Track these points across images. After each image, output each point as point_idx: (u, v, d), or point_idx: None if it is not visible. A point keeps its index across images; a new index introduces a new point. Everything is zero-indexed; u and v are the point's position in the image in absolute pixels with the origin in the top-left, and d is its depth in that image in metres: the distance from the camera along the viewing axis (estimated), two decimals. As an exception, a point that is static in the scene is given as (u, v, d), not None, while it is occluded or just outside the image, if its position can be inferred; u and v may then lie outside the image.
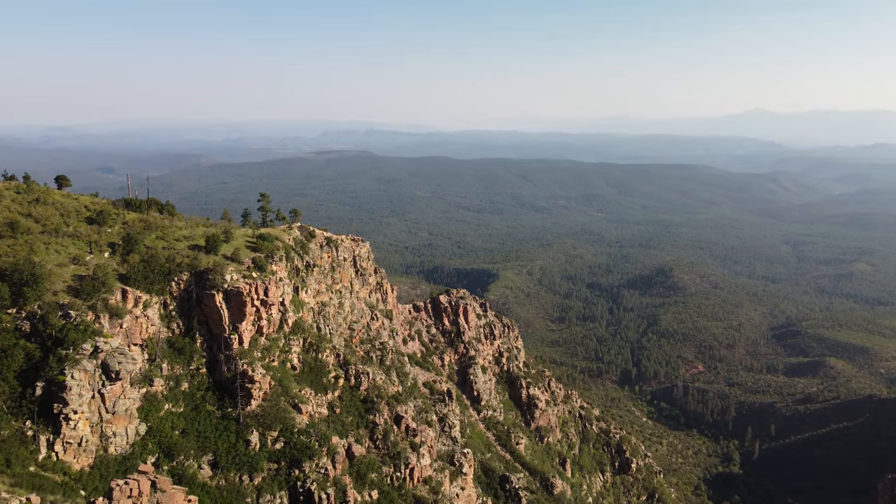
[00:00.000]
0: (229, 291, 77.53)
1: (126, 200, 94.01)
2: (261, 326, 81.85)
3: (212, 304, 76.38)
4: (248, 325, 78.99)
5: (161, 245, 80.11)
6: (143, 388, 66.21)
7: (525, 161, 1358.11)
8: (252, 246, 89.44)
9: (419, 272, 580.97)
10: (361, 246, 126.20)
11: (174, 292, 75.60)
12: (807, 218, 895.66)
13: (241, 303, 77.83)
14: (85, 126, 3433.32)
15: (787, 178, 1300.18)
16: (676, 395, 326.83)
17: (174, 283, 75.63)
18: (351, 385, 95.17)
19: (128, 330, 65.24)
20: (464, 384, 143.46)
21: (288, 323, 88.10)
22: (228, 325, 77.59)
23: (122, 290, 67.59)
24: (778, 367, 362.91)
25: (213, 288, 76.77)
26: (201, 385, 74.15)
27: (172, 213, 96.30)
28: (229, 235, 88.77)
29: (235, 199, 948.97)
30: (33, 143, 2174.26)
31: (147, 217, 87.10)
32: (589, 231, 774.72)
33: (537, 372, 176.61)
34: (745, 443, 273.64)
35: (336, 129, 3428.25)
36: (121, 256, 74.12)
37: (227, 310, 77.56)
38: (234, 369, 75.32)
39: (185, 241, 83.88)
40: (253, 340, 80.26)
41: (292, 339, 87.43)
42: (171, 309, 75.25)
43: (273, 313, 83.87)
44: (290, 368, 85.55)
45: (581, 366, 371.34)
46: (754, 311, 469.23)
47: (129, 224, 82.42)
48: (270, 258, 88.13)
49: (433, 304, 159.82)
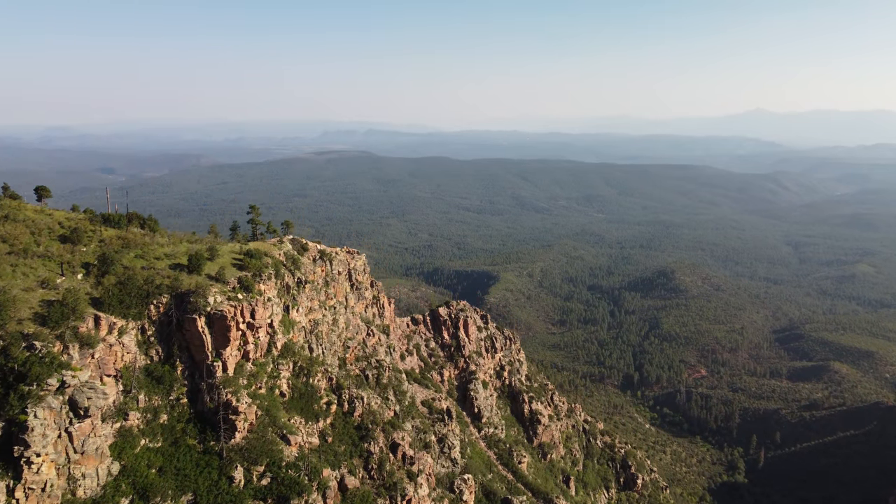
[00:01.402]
0: (212, 315, 71.79)
1: (104, 215, 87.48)
2: (247, 351, 76.19)
3: (193, 329, 70.54)
4: (232, 351, 73.29)
5: (140, 265, 74.70)
6: (116, 423, 60.65)
7: (525, 161, 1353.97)
8: (239, 264, 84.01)
9: (419, 274, 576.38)
10: (357, 259, 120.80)
11: (153, 316, 69.83)
12: (808, 219, 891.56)
13: (224, 327, 72.03)
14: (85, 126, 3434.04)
15: (787, 178, 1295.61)
16: (679, 400, 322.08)
17: (153, 307, 69.87)
18: (344, 411, 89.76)
19: (100, 360, 59.59)
20: (464, 400, 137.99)
21: (277, 346, 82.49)
22: (211, 351, 71.90)
23: (94, 317, 61.81)
24: (782, 372, 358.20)
25: (194, 311, 70.95)
26: (182, 416, 68.26)
27: (154, 229, 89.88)
28: (214, 253, 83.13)
29: (235, 199, 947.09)
30: (33, 143, 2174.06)
31: (126, 234, 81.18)
32: (589, 232, 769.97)
33: (540, 385, 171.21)
34: (749, 450, 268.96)
35: (336, 129, 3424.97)
36: (95, 278, 67.64)
37: (209, 335, 71.69)
38: (217, 399, 69.43)
39: (166, 260, 78.31)
40: (238, 367, 74.79)
41: (281, 364, 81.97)
42: (150, 334, 69.40)
43: (261, 336, 78.39)
44: (278, 395, 79.50)
45: (583, 370, 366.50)
46: (757, 313, 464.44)
47: (107, 242, 76.68)
48: (258, 277, 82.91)
49: (432, 317, 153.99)
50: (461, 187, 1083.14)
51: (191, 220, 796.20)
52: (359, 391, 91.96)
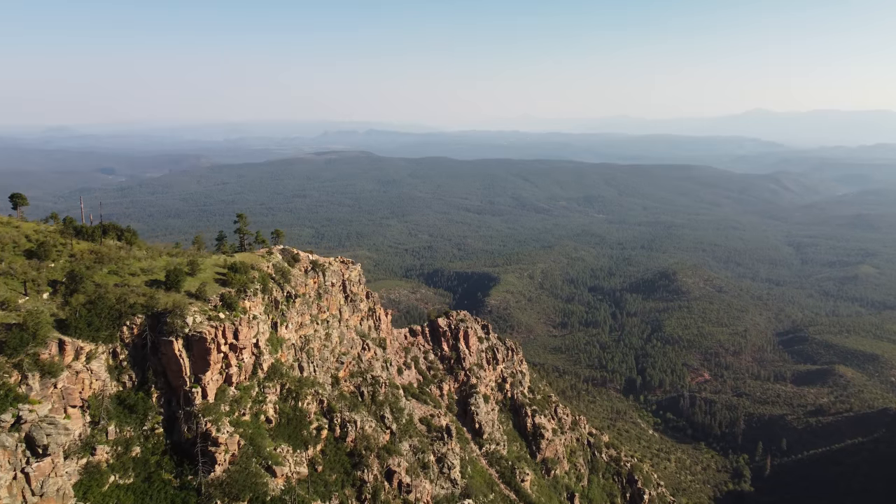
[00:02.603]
0: (190, 337, 65.72)
1: (77, 227, 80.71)
2: (229, 375, 70.36)
3: (169, 353, 64.68)
4: (213, 375, 67.49)
5: (113, 281, 68.51)
6: (82, 459, 55.21)
7: (525, 161, 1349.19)
8: (222, 279, 78.04)
9: (419, 275, 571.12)
10: (352, 269, 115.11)
11: (126, 339, 63.91)
12: (809, 219, 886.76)
13: (204, 350, 66.18)
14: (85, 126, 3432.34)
15: (788, 178, 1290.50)
16: (683, 405, 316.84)
17: (126, 328, 63.88)
18: (336, 436, 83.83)
19: (64, 390, 53.85)
20: (464, 415, 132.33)
21: (263, 367, 76.80)
22: (189, 376, 66.03)
23: (58, 341, 56.27)
24: (786, 376, 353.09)
25: (170, 333, 65.01)
26: (156, 448, 62.43)
27: (132, 242, 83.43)
28: (195, 267, 77.25)
29: (235, 200, 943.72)
30: (33, 143, 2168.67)
31: (100, 247, 74.76)
32: (590, 233, 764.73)
33: (543, 397, 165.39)
34: (755, 457, 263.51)
35: (336, 129, 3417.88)
36: (63, 297, 62.89)
37: (187, 358, 65.75)
38: (196, 429, 63.98)
39: (142, 276, 72.13)
40: (220, 392, 69.00)
41: (268, 387, 76.27)
42: (122, 359, 63.46)
43: (245, 358, 72.54)
44: (264, 422, 74.11)
45: (585, 374, 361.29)
46: (759, 315, 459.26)
47: (77, 257, 70.40)
48: (243, 293, 77.15)
49: (431, 328, 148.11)
50: (461, 188, 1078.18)
51: (190, 221, 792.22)
52: (352, 414, 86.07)
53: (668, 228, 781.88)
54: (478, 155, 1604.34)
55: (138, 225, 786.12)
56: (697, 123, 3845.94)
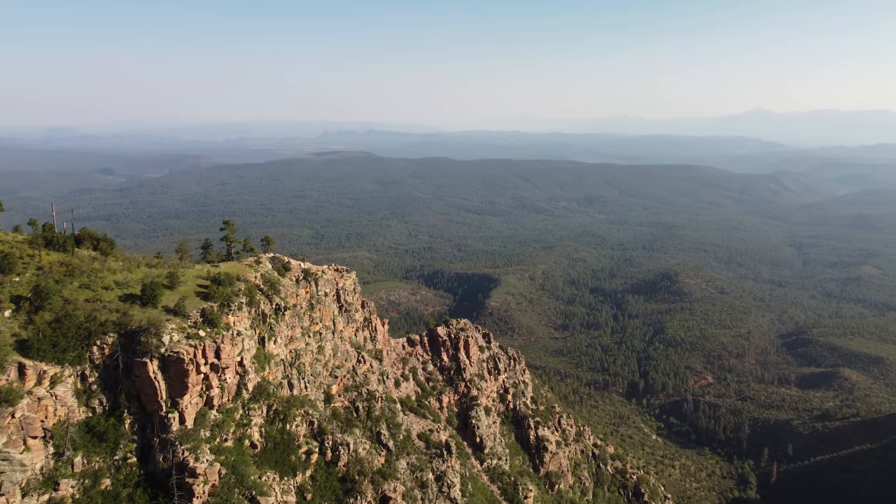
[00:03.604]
0: (167, 358, 60.46)
1: (47, 237, 73.53)
2: (210, 397, 64.99)
3: (143, 375, 59.47)
4: (192, 399, 62.30)
5: (84, 296, 62.99)
6: (44, 495, 49.95)
7: (526, 162, 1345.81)
8: (204, 292, 72.30)
9: (419, 276, 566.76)
10: (346, 277, 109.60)
11: (96, 360, 58.45)
12: (810, 219, 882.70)
13: (181, 371, 60.94)
14: (85, 127, 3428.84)
15: (789, 178, 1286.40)
16: (686, 409, 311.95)
17: (96, 348, 58.38)
18: (327, 460, 78.07)
19: (24, 419, 48.45)
20: (465, 428, 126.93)
21: (248, 387, 71.27)
22: (165, 400, 60.92)
23: (18, 365, 51.32)
24: (790, 379, 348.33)
25: (144, 354, 59.63)
26: (129, 480, 56.91)
27: (107, 252, 77.15)
28: (174, 280, 71.44)
29: (235, 200, 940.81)
30: (33, 144, 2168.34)
31: (71, 259, 69.03)
32: (591, 233, 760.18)
33: (546, 408, 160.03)
34: (760, 463, 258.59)
35: (336, 129, 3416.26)
36: (27, 315, 57.71)
37: (163, 381, 60.52)
38: (172, 458, 58.69)
39: (116, 290, 66.21)
40: (200, 416, 63.57)
41: (253, 408, 70.73)
42: (92, 382, 58.00)
43: (227, 378, 67.07)
44: (248, 447, 68.58)
45: (587, 377, 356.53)
46: (762, 317, 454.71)
47: (45, 270, 64.55)
48: (227, 307, 71.47)
49: (430, 338, 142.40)
50: (462, 188, 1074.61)
51: (190, 222, 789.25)
52: (344, 436, 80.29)
53: (669, 229, 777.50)
54: (478, 155, 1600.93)
55: (138, 226, 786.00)
56: (697, 123, 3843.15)
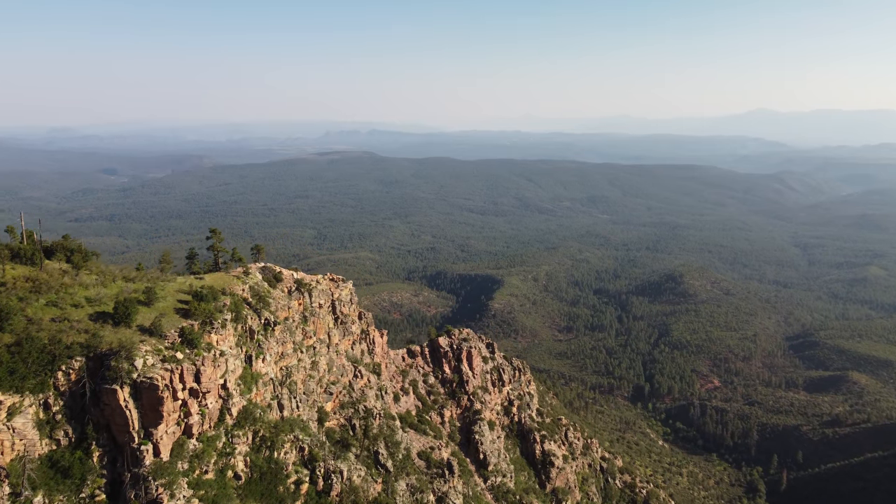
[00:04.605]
0: (139, 384, 55.25)
1: (13, 249, 67.21)
2: (189, 425, 59.99)
3: (113, 403, 54.42)
4: (168, 428, 57.34)
5: (50, 315, 57.62)
6: (-2, 541, 46.42)
7: (529, 162, 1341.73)
8: (185, 309, 67.13)
9: (422, 277, 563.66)
10: (342, 287, 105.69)
11: (62, 386, 53.50)
12: (815, 219, 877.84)
13: (155, 399, 55.95)
14: (88, 127, 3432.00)
15: (792, 178, 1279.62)
16: (693, 414, 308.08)
17: (62, 374, 53.40)
18: (318, 490, 73.00)
19: None
20: (468, 444, 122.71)
21: (232, 412, 65.89)
22: (138, 430, 55.83)
23: (-32, 397, 47.17)
24: (798, 382, 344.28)
25: (114, 380, 54.47)
26: None
27: (79, 265, 70.82)
28: (152, 296, 66.17)
29: (237, 200, 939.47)
30: (36, 144, 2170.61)
31: (39, 273, 63.20)
32: (594, 234, 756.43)
33: (553, 421, 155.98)
34: (769, 470, 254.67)
35: (339, 129, 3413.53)
36: None
37: (135, 409, 55.48)
38: (145, 495, 53.80)
39: (87, 307, 60.71)
40: (177, 446, 58.60)
41: (237, 435, 65.24)
42: (56, 411, 53.26)
43: (209, 403, 62.02)
44: (231, 478, 63.14)
45: (591, 381, 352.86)
46: (768, 319, 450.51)
47: (9, 286, 58.95)
48: (209, 325, 66.32)
49: (431, 349, 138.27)
50: (464, 188, 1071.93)
51: (192, 222, 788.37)
52: (337, 463, 75.95)
53: (672, 229, 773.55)
54: (480, 155, 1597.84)
55: (141, 226, 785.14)
56: (699, 123, 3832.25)
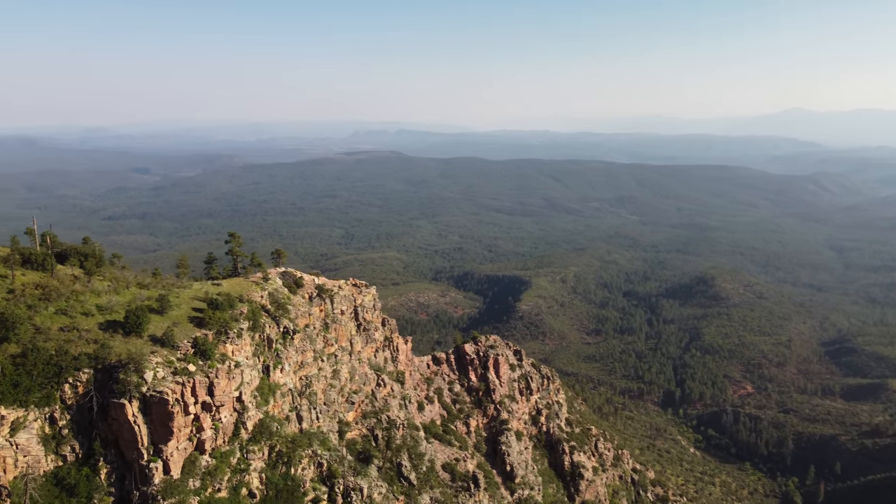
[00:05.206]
0: (148, 398, 52.63)
1: (25, 254, 64.61)
2: (201, 441, 57.16)
3: (121, 418, 51.97)
4: (179, 444, 54.54)
5: (59, 324, 54.93)
6: (-3, 565, 44.32)
7: (556, 161, 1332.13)
8: (199, 317, 64.14)
9: (448, 278, 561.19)
10: (365, 293, 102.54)
11: (69, 399, 50.94)
12: (851, 222, 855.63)
13: (165, 414, 53.28)
14: (121, 127, 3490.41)
15: (828, 179, 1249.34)
16: (726, 421, 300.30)
17: (69, 386, 50.77)
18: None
19: None
20: (494, 455, 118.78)
21: (247, 426, 63.09)
22: (147, 447, 53.22)
23: (-32, 411, 45.39)
24: (835, 390, 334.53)
25: (123, 394, 51.91)
26: None
27: (92, 271, 67.48)
28: (165, 303, 63.49)
29: (266, 200, 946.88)
30: (71, 143, 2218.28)
31: (49, 280, 60.80)
32: (623, 235, 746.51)
33: (582, 431, 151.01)
34: (805, 481, 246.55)
35: (367, 129, 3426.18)
36: None
37: (144, 425, 52.75)
38: None
39: (97, 316, 58.00)
40: (188, 463, 55.67)
41: (252, 451, 62.36)
42: (62, 426, 50.64)
43: (223, 417, 59.10)
44: (245, 497, 60.26)
45: (620, 385, 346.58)
46: (803, 323, 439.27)
47: (18, 293, 56.36)
48: (224, 334, 63.61)
49: (457, 356, 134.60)
50: (492, 188, 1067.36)
51: (222, 221, 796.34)
52: (357, 479, 73.13)
53: (703, 231, 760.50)
54: (508, 155, 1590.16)
55: (172, 224, 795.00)
56: (732, 123, 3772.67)
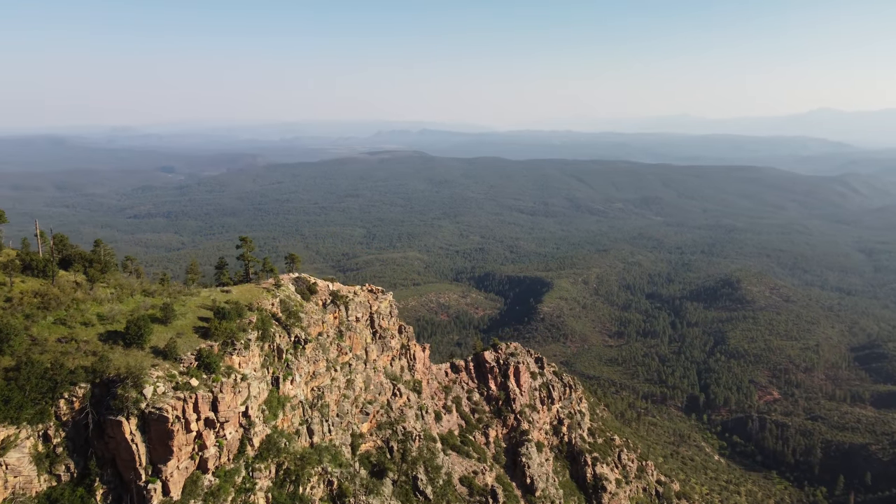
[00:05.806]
0: (147, 415, 49.54)
1: (25, 260, 62.33)
2: (204, 459, 53.91)
3: (119, 436, 48.92)
4: (179, 463, 51.43)
5: (57, 335, 52.31)
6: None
7: (580, 162, 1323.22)
8: (205, 327, 60.87)
9: (470, 279, 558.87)
10: (382, 299, 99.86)
11: (63, 415, 48.15)
12: (881, 224, 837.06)
13: (165, 432, 50.12)
14: (148, 126, 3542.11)
15: (857, 180, 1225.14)
16: (751, 428, 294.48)
17: (64, 401, 48.03)
18: None
19: None
20: (514, 467, 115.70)
21: (253, 443, 59.74)
22: (145, 466, 50.14)
23: (-46, 431, 42.82)
24: (864, 397, 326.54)
25: (120, 410, 48.87)
26: None
27: (95, 278, 64.86)
28: (170, 312, 60.31)
29: (289, 199, 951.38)
30: (99, 142, 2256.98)
31: (49, 287, 58.24)
32: (647, 236, 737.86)
33: (605, 441, 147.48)
34: (834, 491, 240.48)
35: (390, 129, 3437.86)
36: None
37: (142, 443, 49.76)
38: None
39: (98, 326, 55.24)
40: (190, 483, 52.58)
41: (258, 469, 59.08)
42: (57, 443, 47.78)
43: (227, 434, 56.03)
44: None
45: (643, 390, 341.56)
46: (832, 328, 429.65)
47: (15, 302, 54.12)
48: (230, 346, 60.40)
49: (476, 363, 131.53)
50: (514, 188, 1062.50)
51: (246, 220, 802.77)
52: (369, 498, 70.58)
53: (729, 232, 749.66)
54: (531, 155, 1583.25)
55: (196, 223, 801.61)
56: (759, 123, 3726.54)
